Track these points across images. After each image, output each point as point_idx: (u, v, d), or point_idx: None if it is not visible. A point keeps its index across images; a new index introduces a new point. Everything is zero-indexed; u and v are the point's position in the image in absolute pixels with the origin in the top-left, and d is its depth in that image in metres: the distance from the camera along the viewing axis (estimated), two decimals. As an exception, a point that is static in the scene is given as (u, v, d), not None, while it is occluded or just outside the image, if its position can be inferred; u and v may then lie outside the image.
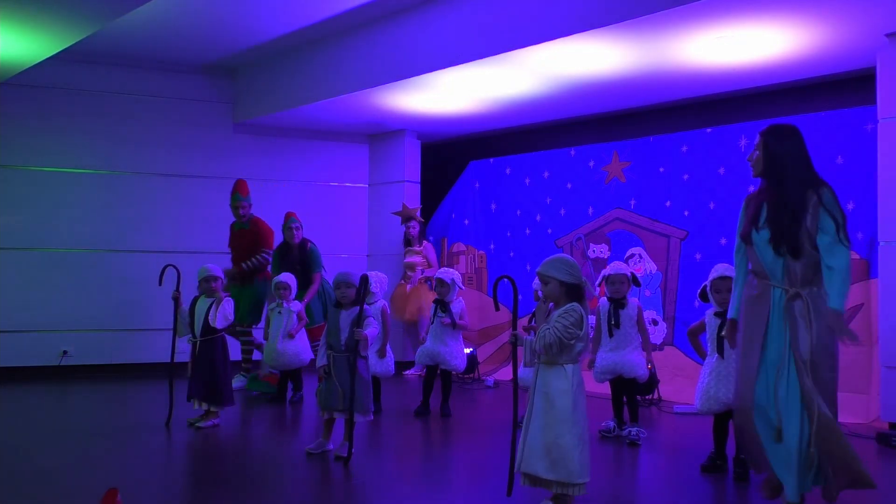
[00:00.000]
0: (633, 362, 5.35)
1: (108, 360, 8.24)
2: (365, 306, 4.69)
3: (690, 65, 6.26)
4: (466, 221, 9.26)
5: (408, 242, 8.73)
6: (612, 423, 5.46)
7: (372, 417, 4.81)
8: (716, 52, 5.93)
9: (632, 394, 5.49)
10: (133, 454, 4.91)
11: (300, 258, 7.27)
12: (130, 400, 7.05)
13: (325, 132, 9.38)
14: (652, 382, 6.54)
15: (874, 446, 5.16)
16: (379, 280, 6.35)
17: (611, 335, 5.42)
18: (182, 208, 7.33)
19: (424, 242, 8.79)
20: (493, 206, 8.99)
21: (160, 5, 6.55)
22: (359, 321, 4.61)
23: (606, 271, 5.53)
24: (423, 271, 8.59)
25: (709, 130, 7.23)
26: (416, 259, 8.61)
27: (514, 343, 3.68)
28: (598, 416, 5.72)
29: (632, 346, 5.40)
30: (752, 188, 5.99)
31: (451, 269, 6.45)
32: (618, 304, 5.42)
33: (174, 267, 5.68)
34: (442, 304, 6.24)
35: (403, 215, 8.77)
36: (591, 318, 7.82)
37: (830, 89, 6.61)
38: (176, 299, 5.73)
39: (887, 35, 5.46)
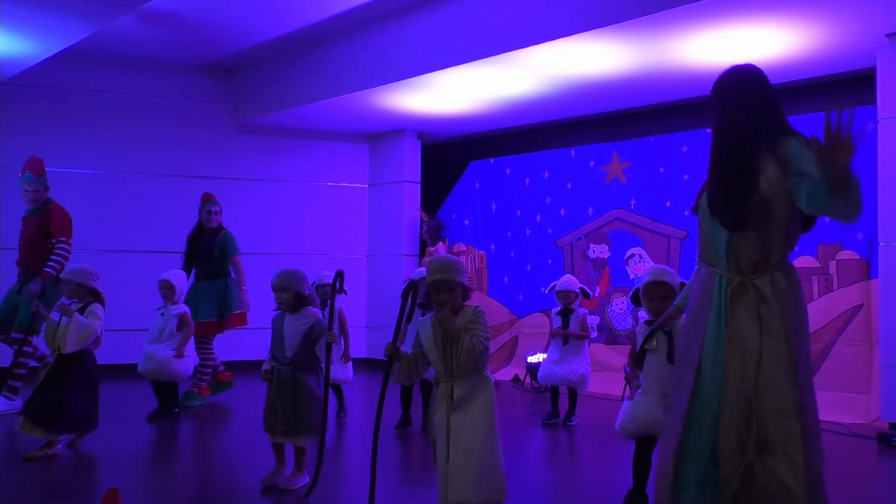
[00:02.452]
0: None
1: (109, 360, 8.18)
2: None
3: (690, 65, 6.26)
4: (467, 221, 9.26)
5: (423, 244, 8.78)
6: None
7: (317, 437, 4.00)
8: (716, 52, 5.93)
9: None
10: (133, 454, 4.91)
11: (216, 244, 6.65)
12: (130, 399, 7.05)
13: (325, 132, 9.38)
14: None
15: (874, 446, 5.16)
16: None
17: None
18: (182, 209, 7.32)
19: (439, 244, 8.82)
20: (494, 207, 8.99)
21: (160, 5, 6.56)
22: (330, 324, 3.95)
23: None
24: None
25: (709, 130, 7.21)
26: (426, 260, 8.64)
27: (392, 357, 3.15)
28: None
29: None
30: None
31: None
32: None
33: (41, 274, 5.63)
34: (424, 307, 5.93)
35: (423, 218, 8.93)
36: (593, 318, 7.87)
37: (830, 89, 6.61)
38: (36, 312, 4.83)
39: (887, 35, 5.46)
